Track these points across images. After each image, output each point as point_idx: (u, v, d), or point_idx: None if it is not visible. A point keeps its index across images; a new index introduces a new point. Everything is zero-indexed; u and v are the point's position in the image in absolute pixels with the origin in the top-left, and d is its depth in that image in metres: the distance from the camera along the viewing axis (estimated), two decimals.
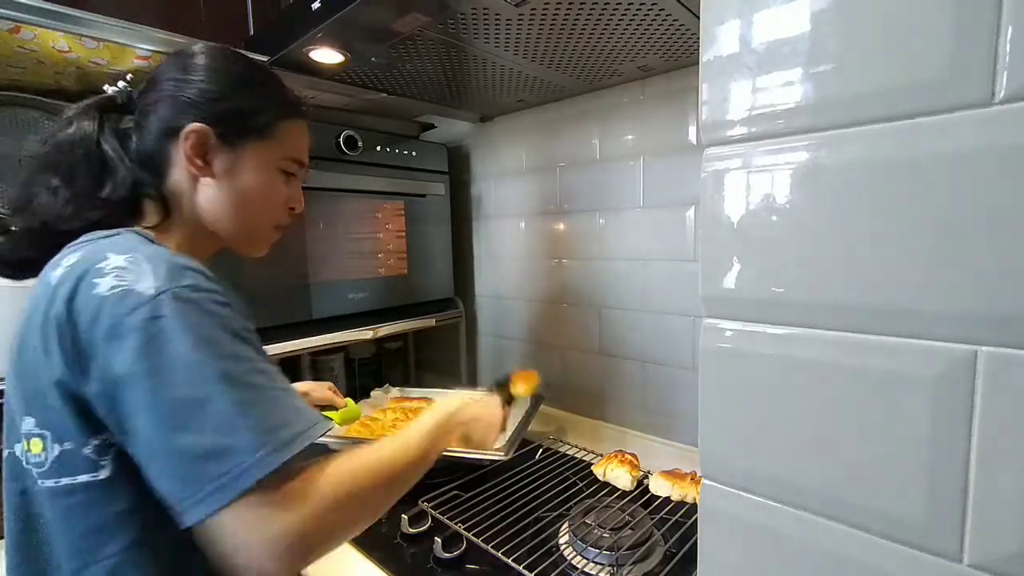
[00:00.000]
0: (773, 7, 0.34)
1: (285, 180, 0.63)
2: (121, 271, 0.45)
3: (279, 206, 0.64)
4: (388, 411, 1.10)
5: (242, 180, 0.59)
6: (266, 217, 0.63)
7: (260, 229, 0.64)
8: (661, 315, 1.07)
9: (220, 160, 0.58)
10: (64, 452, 0.46)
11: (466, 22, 0.75)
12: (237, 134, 0.58)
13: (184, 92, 0.56)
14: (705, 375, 0.40)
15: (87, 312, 0.44)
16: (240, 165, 0.59)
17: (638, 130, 1.07)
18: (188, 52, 0.59)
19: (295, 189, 0.65)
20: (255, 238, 0.64)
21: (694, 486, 0.84)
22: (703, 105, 0.38)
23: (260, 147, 0.60)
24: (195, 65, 0.58)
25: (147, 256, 0.47)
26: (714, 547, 0.41)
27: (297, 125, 0.63)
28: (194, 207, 0.59)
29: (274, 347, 0.99)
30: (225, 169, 0.58)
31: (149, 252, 0.48)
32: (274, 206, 0.63)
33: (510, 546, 0.74)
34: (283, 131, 0.61)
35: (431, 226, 1.34)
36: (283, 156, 0.62)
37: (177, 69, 0.58)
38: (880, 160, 0.31)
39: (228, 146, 0.58)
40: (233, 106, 0.58)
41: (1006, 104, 0.27)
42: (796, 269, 0.34)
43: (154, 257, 0.47)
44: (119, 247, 0.48)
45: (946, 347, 0.29)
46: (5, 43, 0.79)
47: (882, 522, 0.32)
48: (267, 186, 0.61)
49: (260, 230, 0.64)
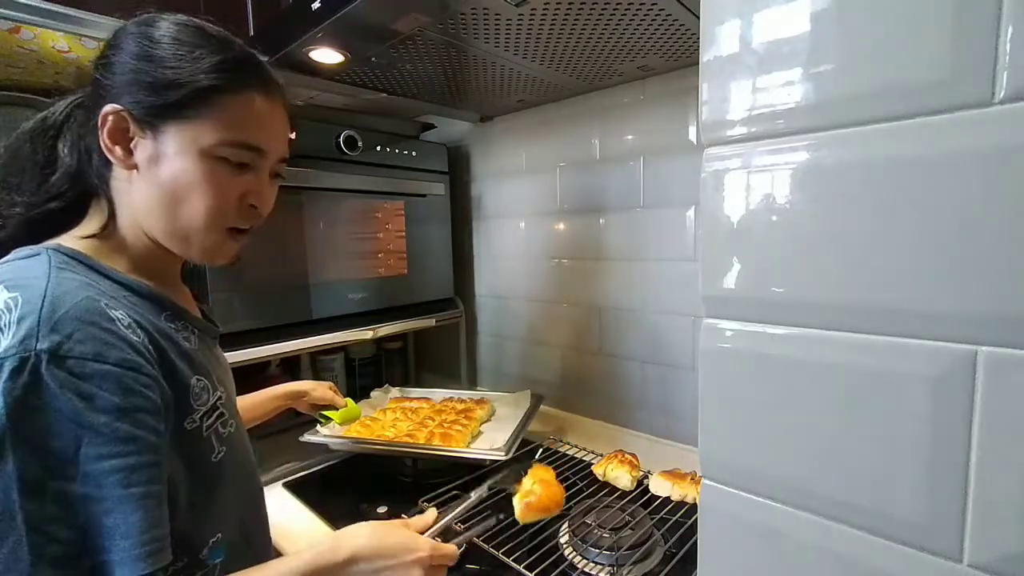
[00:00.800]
0: (773, 7, 0.34)
1: (232, 170, 0.51)
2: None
3: (225, 202, 0.51)
4: (388, 411, 1.10)
5: (164, 170, 0.49)
6: (205, 216, 0.51)
7: (197, 231, 0.51)
8: (661, 315, 1.07)
9: (142, 147, 0.49)
10: None
11: (466, 22, 0.75)
12: (154, 114, 0.48)
13: (100, 71, 0.49)
14: (705, 375, 0.40)
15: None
16: (161, 151, 0.49)
17: (638, 130, 1.07)
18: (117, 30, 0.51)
19: (253, 182, 0.53)
20: (193, 243, 0.52)
21: (694, 486, 0.84)
22: (703, 105, 0.38)
23: (184, 128, 0.49)
24: (114, 39, 0.50)
25: (28, 299, 0.41)
26: (714, 547, 0.41)
27: (244, 98, 0.51)
28: (131, 207, 0.51)
29: (274, 347, 0.99)
30: (147, 157, 0.49)
31: (35, 293, 0.41)
32: (216, 202, 0.51)
33: (510, 546, 0.74)
34: (219, 107, 0.49)
35: (431, 226, 1.34)
36: (221, 140, 0.49)
37: (104, 47, 0.51)
38: (880, 160, 0.31)
39: (149, 130, 0.49)
40: (147, 79, 0.48)
41: (1006, 104, 0.27)
42: (796, 269, 0.34)
43: (33, 302, 0.41)
44: (13, 279, 0.43)
45: (946, 347, 0.29)
46: (5, 43, 0.79)
47: (882, 522, 0.32)
48: (199, 177, 0.49)
49: (198, 232, 0.52)
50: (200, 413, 0.51)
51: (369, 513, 0.86)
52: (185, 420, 0.50)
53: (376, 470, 1.04)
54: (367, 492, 0.93)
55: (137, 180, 0.50)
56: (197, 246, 0.53)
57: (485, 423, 1.08)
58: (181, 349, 0.52)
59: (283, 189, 1.06)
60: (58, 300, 0.41)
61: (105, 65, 0.50)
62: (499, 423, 1.08)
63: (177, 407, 0.49)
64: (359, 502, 0.90)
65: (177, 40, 0.49)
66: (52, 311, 0.41)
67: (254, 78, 0.52)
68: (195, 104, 0.49)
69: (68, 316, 0.41)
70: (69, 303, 0.42)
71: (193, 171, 0.49)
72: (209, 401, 0.53)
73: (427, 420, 1.04)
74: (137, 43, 0.49)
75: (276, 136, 0.55)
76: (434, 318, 1.33)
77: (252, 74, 0.52)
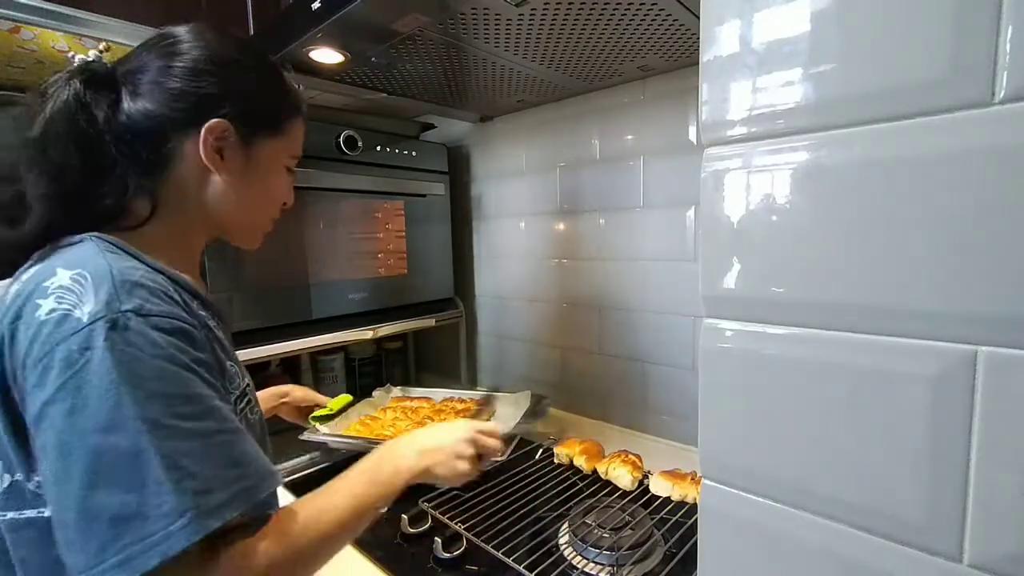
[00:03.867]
0: (773, 7, 0.34)
1: (290, 176, 0.64)
2: (63, 291, 0.41)
3: (280, 201, 0.64)
4: (388, 410, 1.10)
5: (256, 177, 0.58)
6: (270, 212, 0.64)
7: (262, 223, 0.64)
8: (661, 315, 1.07)
9: (235, 156, 0.56)
10: (14, 484, 0.43)
11: (466, 22, 0.75)
12: (255, 131, 0.57)
13: (191, 79, 0.51)
14: (705, 375, 0.40)
15: (27, 335, 0.40)
16: (255, 162, 0.58)
17: (638, 130, 1.07)
18: (181, 38, 0.53)
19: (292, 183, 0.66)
20: (256, 232, 0.64)
21: (694, 486, 0.84)
22: (703, 105, 0.38)
23: (274, 144, 0.59)
24: (201, 55, 0.52)
25: (95, 272, 0.42)
26: (714, 547, 0.41)
27: (302, 121, 0.63)
28: (199, 203, 0.56)
29: (274, 347, 0.99)
30: (239, 165, 0.56)
31: (100, 267, 0.43)
32: (278, 202, 0.64)
33: (510, 546, 0.74)
34: (293, 128, 0.61)
35: (431, 226, 1.34)
36: (291, 153, 0.62)
37: (179, 56, 0.52)
38: (880, 160, 0.31)
39: (244, 142, 0.56)
40: (255, 103, 0.56)
41: (1006, 104, 0.27)
42: (796, 269, 0.34)
43: (102, 274, 0.42)
44: (70, 261, 0.44)
45: (946, 347, 0.29)
46: (5, 43, 0.79)
47: (882, 522, 0.32)
48: (277, 183, 0.62)
49: (262, 224, 0.64)
50: (235, 396, 0.53)
51: None
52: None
53: None
54: None
55: (222, 182, 0.55)
56: (260, 235, 0.65)
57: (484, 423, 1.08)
58: (215, 335, 0.53)
59: None
60: (124, 271, 0.44)
61: (196, 72, 0.52)
62: (498, 423, 1.08)
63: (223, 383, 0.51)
64: None
65: (269, 72, 0.59)
66: (123, 279, 0.43)
67: (303, 103, 0.63)
68: (284, 124, 0.60)
69: (138, 283, 0.43)
70: (136, 275, 0.44)
71: (274, 178, 0.61)
72: (240, 386, 0.56)
73: (427, 420, 1.04)
74: (239, 67, 0.55)
75: None
76: (434, 318, 1.33)
77: (302, 100, 0.63)
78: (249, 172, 0.57)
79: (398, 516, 0.81)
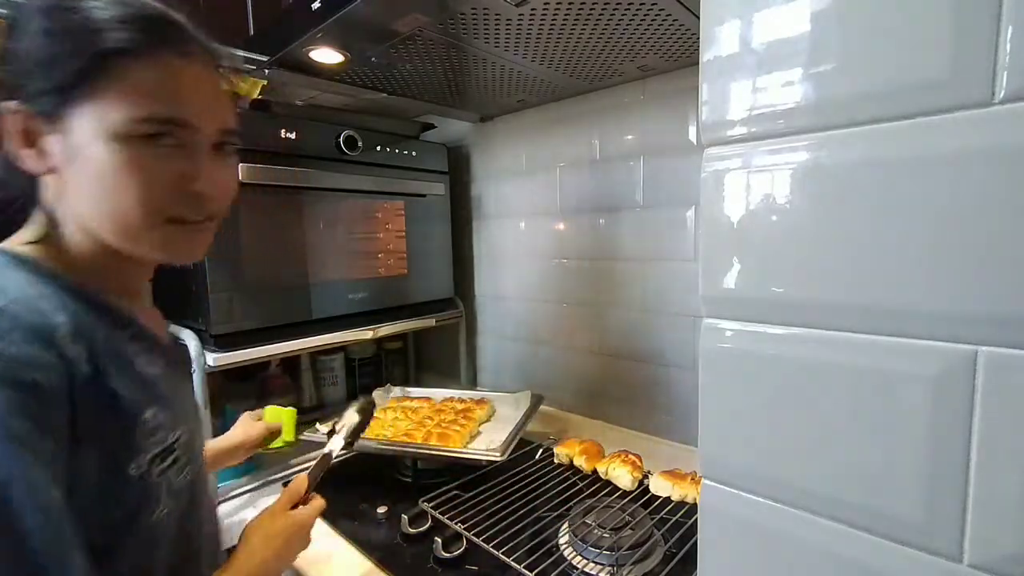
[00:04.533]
0: (773, 7, 0.34)
1: (156, 152, 0.43)
2: None
3: (156, 190, 0.43)
4: (388, 410, 1.10)
5: (81, 166, 0.42)
6: (137, 209, 0.43)
7: (137, 227, 0.44)
8: (661, 315, 1.07)
9: (52, 145, 0.42)
10: None
11: (466, 22, 0.75)
12: (53, 103, 0.41)
13: None
14: (705, 375, 0.40)
15: None
16: (72, 144, 0.42)
17: (638, 130, 1.07)
18: None
19: (187, 165, 0.45)
20: (142, 240, 0.45)
21: (694, 486, 0.84)
22: (703, 105, 0.38)
23: (87, 111, 0.41)
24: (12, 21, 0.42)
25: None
26: (714, 547, 0.41)
27: (154, 63, 0.42)
28: (72, 212, 0.44)
29: (274, 347, 0.99)
30: (61, 156, 0.42)
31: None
32: (145, 191, 0.43)
33: (510, 546, 0.74)
34: (122, 77, 0.41)
35: (431, 226, 1.34)
36: (131, 116, 0.41)
37: None
38: (880, 160, 0.31)
39: (53, 123, 0.41)
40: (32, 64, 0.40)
41: (1006, 104, 0.27)
42: (796, 269, 0.34)
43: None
44: None
45: (946, 347, 0.29)
46: None
47: (882, 522, 0.32)
48: (116, 165, 0.42)
49: (139, 229, 0.44)
50: (151, 455, 0.44)
51: (369, 513, 0.86)
52: (130, 464, 0.42)
53: (376, 470, 1.04)
54: (367, 492, 0.93)
55: (62, 182, 0.43)
56: (146, 244, 0.45)
57: (484, 423, 1.08)
58: (136, 373, 0.45)
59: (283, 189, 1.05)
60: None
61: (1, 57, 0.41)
62: (498, 423, 1.08)
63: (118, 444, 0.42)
64: (359, 502, 0.90)
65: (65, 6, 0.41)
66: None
67: (163, 38, 0.43)
68: (92, 78, 0.40)
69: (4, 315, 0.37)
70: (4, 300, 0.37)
71: (109, 160, 0.41)
72: (166, 440, 0.46)
73: (426, 420, 1.04)
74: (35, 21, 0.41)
75: (206, 105, 0.45)
76: (434, 318, 1.33)
77: (160, 33, 0.43)
78: (77, 159, 0.42)
79: (398, 516, 0.81)
